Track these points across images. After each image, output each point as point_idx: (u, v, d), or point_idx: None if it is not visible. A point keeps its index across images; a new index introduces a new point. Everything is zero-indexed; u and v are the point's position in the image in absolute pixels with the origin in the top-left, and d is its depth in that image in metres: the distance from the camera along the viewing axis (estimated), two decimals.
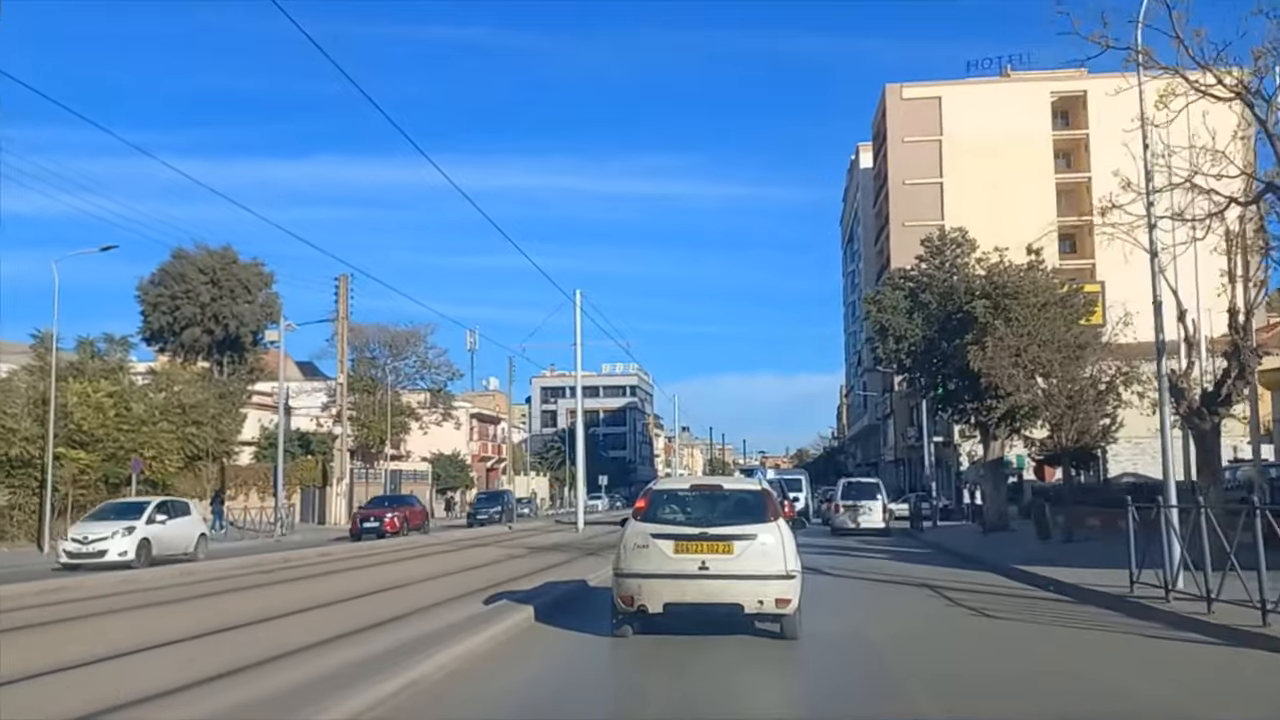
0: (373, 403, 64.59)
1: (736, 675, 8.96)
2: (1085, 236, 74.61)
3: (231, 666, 8.49)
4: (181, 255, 51.10)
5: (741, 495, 10.94)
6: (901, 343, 32.14)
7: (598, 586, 15.08)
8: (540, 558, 22.61)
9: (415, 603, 13.22)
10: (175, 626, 11.54)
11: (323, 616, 12.30)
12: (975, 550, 23.72)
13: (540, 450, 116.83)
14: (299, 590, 16.48)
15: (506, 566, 20.26)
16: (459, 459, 71.06)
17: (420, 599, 13.85)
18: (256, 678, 8.04)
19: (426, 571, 19.63)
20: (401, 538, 34.95)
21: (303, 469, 50.16)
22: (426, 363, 67.17)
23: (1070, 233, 74.67)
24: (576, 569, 18.45)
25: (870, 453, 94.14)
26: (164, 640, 10.48)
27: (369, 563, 22.95)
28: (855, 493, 37.79)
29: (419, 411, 67.81)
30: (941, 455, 59.51)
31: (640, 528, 10.27)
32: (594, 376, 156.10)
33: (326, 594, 15.26)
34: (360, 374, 64.58)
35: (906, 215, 75.34)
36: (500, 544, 29.07)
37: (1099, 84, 75.61)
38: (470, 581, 16.69)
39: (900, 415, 72.52)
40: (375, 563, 22.90)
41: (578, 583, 15.91)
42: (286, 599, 14.67)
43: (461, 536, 35.76)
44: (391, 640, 9.66)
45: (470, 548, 28.10)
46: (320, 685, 7.41)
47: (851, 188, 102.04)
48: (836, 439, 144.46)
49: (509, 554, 24.41)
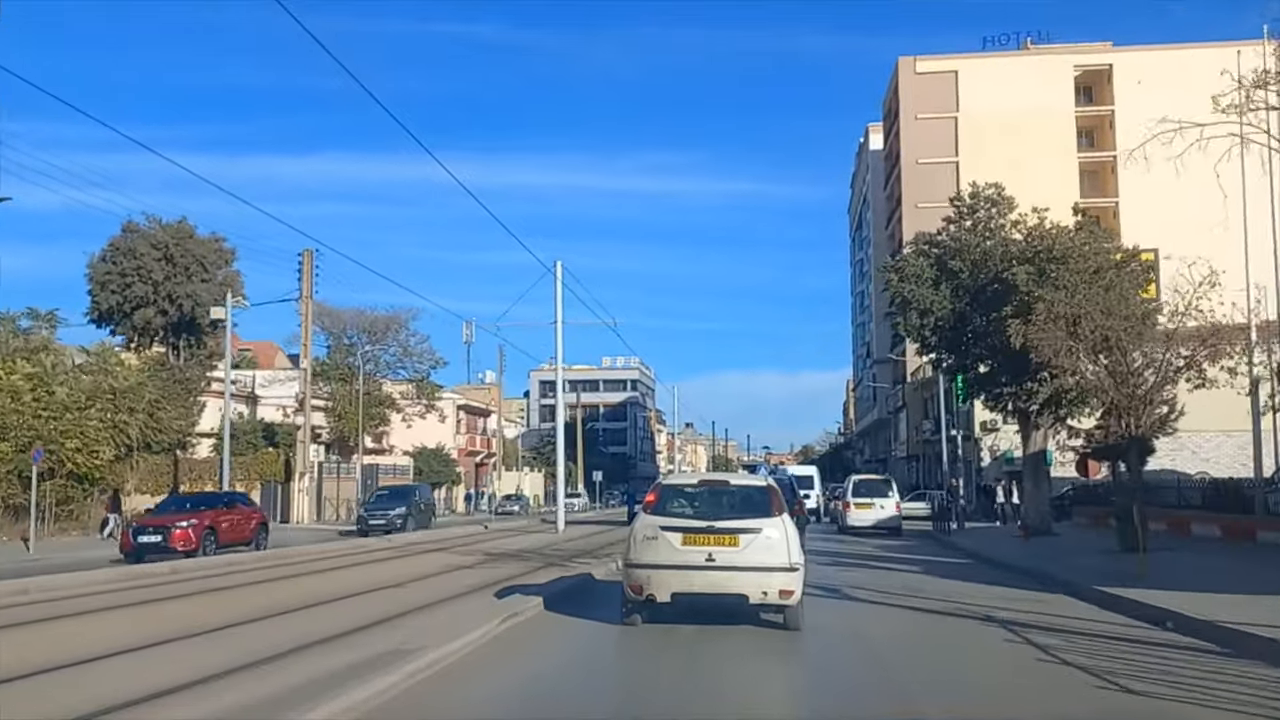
0: (349, 392, 60.34)
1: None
2: (1109, 220, 70.25)
3: None
4: (132, 229, 46.73)
5: (747, 491, 11.25)
6: (927, 317, 27.70)
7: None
8: (489, 570, 18.26)
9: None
10: None
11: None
12: (1028, 561, 19.34)
13: (536, 445, 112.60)
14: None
15: (444, 582, 15.93)
16: (443, 453, 66.70)
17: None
18: None
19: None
20: (208, 558, 22.29)
21: (263, 463, 45.89)
22: (408, 350, 62.90)
23: (1095, 217, 70.24)
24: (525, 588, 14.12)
25: (879, 448, 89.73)
26: None
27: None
28: (866, 490, 35.58)
29: (399, 402, 63.48)
30: (960, 450, 55.12)
31: (650, 520, 10.65)
32: (594, 370, 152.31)
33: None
34: (336, 361, 60.35)
35: (920, 196, 70.91)
36: (456, 549, 24.72)
37: (1125, 58, 71.62)
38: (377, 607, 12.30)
39: (913, 408, 68.14)
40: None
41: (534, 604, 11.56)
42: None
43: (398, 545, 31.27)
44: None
45: (398, 558, 23.74)
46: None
47: (860, 172, 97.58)
48: (843, 435, 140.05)
49: (458, 562, 20.08)
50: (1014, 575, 17.43)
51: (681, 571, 10.27)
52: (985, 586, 15.49)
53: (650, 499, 11.15)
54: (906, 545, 27.00)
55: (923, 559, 21.61)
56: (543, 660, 9.44)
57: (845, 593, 14.41)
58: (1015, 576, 17.17)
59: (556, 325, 33.93)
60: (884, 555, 22.65)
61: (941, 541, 28.08)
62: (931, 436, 59.65)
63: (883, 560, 21.20)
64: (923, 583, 16.12)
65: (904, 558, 21.95)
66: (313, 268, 44.87)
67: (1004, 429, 51.60)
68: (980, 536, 28.90)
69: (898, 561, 20.86)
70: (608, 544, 26.31)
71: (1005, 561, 19.81)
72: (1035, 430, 27.99)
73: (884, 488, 36.71)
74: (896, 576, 17.34)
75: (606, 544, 26.37)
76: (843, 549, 24.84)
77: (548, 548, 24.99)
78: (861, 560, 21.03)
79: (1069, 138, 69.21)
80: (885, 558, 21.85)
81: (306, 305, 44.61)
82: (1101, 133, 70.12)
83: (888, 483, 39.18)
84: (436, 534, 33.33)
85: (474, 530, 35.81)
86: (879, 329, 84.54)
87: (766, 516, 10.50)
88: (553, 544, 26.64)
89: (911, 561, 20.85)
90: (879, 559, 21.54)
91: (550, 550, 23.92)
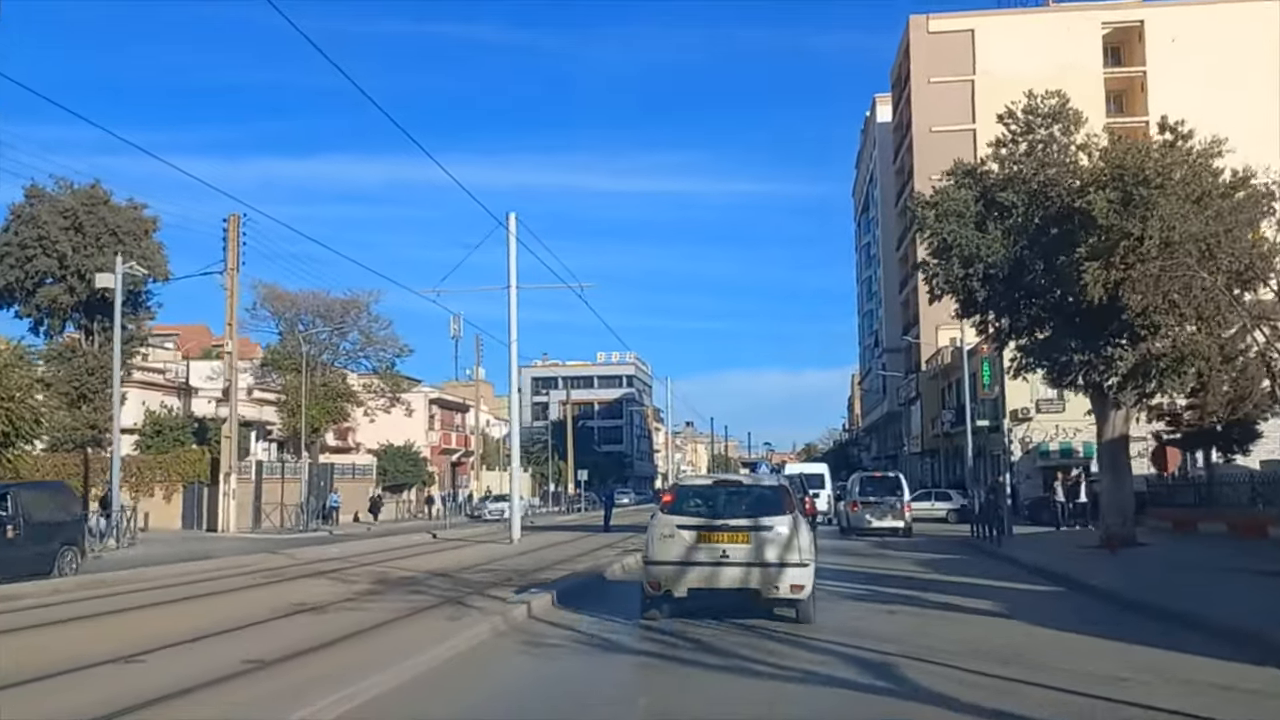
0: (304, 384, 54.15)
1: None
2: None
3: None
4: (37, 195, 40.71)
5: (760, 490, 11.60)
6: (972, 266, 21.43)
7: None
8: (342, 616, 11.97)
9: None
10: None
11: None
12: (1151, 593, 13.10)
13: (525, 443, 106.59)
14: None
15: (214, 650, 9.71)
16: (412, 451, 60.45)
17: None
18: None
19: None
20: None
21: (184, 462, 39.73)
22: (370, 337, 56.51)
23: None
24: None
25: (889, 444, 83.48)
26: None
27: None
28: (873, 489, 32.77)
29: (360, 395, 57.25)
30: (985, 443, 48.87)
31: (667, 519, 11.04)
32: (588, 366, 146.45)
33: None
34: (289, 349, 54.14)
35: (933, 167, 64.35)
36: (352, 570, 18.45)
37: (1158, 14, 65.39)
38: None
39: (929, 398, 61.90)
40: None
41: None
42: None
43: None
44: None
45: (251, 588, 17.44)
46: None
47: (866, 148, 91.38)
48: (848, 431, 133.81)
49: (318, 597, 13.81)
50: (1147, 619, 11.20)
51: (698, 568, 10.64)
52: (1128, 647, 9.31)
53: (667, 499, 11.72)
54: (949, 560, 20.84)
55: (986, 585, 15.38)
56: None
57: (904, 668, 8.22)
58: (1152, 622, 10.95)
59: (510, 290, 27.77)
60: (929, 579, 16.47)
61: (992, 554, 21.85)
62: (952, 428, 53.40)
63: (931, 586, 15.03)
64: (1028, 641, 9.87)
65: (960, 583, 15.74)
66: (239, 235, 38.64)
67: (1038, 419, 45.30)
68: (1038, 547, 22.68)
69: (954, 589, 14.66)
70: (564, 559, 20.21)
71: (1114, 591, 13.58)
72: (1114, 410, 21.72)
73: (892, 485, 33.06)
74: (976, 626, 11.11)
75: (562, 559, 20.26)
76: (869, 564, 18.81)
77: (480, 567, 18.87)
78: (904, 586, 14.88)
79: (1097, 102, 62.48)
80: (934, 583, 15.67)
81: (232, 279, 38.38)
82: (1132, 96, 64.15)
83: (896, 480, 34.23)
84: (357, 547, 27.12)
85: (414, 541, 29.62)
86: (889, 315, 78.38)
87: (778, 514, 10.81)
88: (493, 560, 20.51)
89: (974, 591, 14.58)
90: (925, 584, 15.38)
91: (483, 570, 17.87)
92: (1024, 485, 44.09)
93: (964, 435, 52.68)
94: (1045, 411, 44.61)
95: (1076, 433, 44.41)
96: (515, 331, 27.79)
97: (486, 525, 43.64)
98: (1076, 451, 43.93)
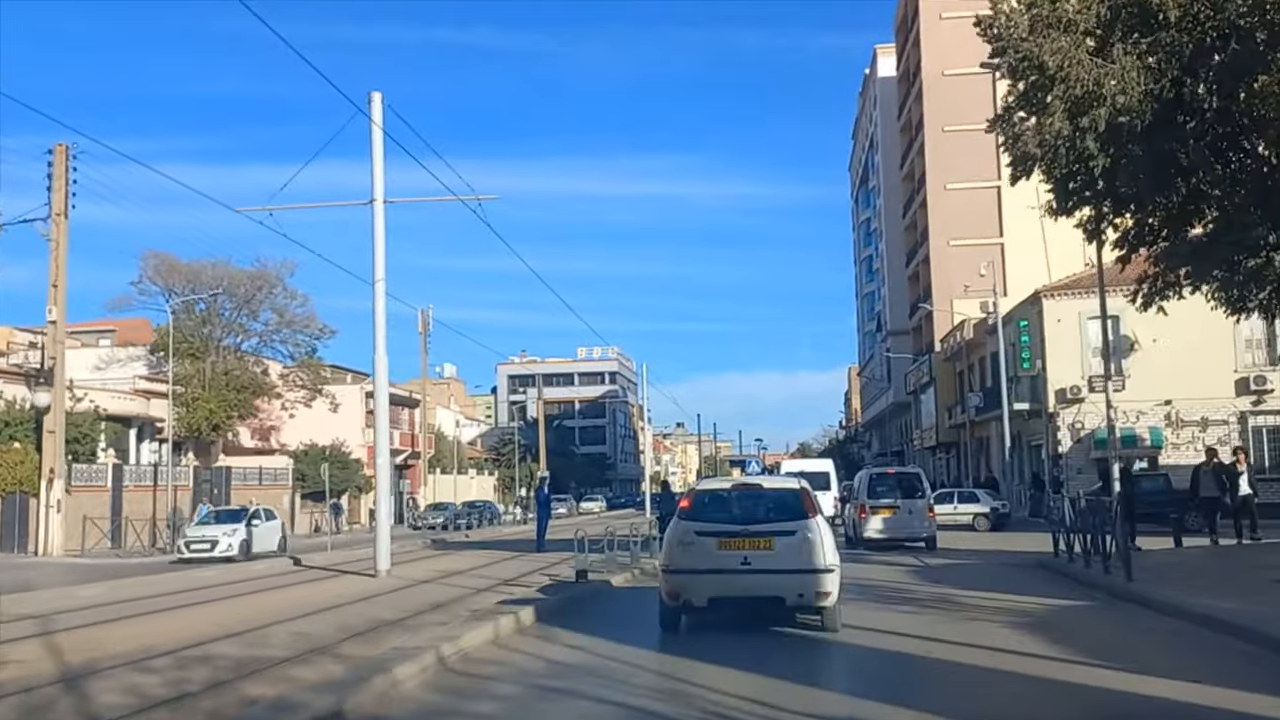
0: (204, 371, 45.31)
1: None
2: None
3: None
4: None
5: (781, 493, 11.24)
6: (1088, 113, 12.64)
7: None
8: None
9: None
10: None
11: None
12: None
13: (496, 444, 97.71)
14: None
15: None
16: (342, 452, 51.40)
17: None
18: None
19: None
20: None
21: (3, 465, 30.72)
22: (285, 317, 47.64)
23: None
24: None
25: (893, 439, 74.78)
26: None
27: None
28: (886, 489, 24.91)
29: (275, 385, 48.35)
30: (1021, 431, 40.08)
31: (685, 525, 10.58)
32: (568, 363, 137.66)
33: None
34: (186, 330, 45.25)
35: (947, 117, 56.20)
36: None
37: None
38: None
39: (944, 383, 53.17)
40: None
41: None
42: None
43: None
44: None
45: None
46: None
47: (865, 110, 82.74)
48: (845, 427, 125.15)
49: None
50: None
51: (718, 576, 10.28)
52: None
53: (684, 505, 11.18)
54: (1062, 613, 12.01)
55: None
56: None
57: None
58: None
59: (374, 204, 18.91)
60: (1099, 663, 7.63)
61: (1137, 600, 12.89)
62: (978, 415, 44.62)
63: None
64: None
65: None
66: (68, 171, 29.69)
67: (1091, 399, 36.52)
68: (1221, 579, 13.77)
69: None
70: (406, 617, 11.46)
71: None
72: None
73: (911, 484, 24.99)
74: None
75: (403, 616, 11.49)
76: (922, 627, 10.18)
77: (253, 635, 10.07)
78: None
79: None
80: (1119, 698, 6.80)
81: (58, 228, 29.39)
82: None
83: (916, 477, 26.09)
84: (147, 586, 18.27)
85: (257, 572, 20.77)
86: (894, 294, 69.69)
87: (800, 519, 10.50)
88: (305, 614, 11.69)
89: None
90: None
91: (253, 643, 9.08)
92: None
93: (992, 424, 44.01)
94: (1100, 390, 35.81)
95: (1140, 416, 35.71)
96: (382, 260, 18.88)
97: (400, 543, 34.62)
98: (1143, 439, 35.20)
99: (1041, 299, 36.59)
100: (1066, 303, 36.41)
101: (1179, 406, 35.26)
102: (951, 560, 20.76)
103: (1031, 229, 42.24)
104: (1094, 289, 37.74)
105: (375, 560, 18.58)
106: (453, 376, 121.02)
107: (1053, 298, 36.64)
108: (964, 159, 55.13)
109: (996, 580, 16.27)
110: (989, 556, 21.48)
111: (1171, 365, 34.16)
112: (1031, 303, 37.18)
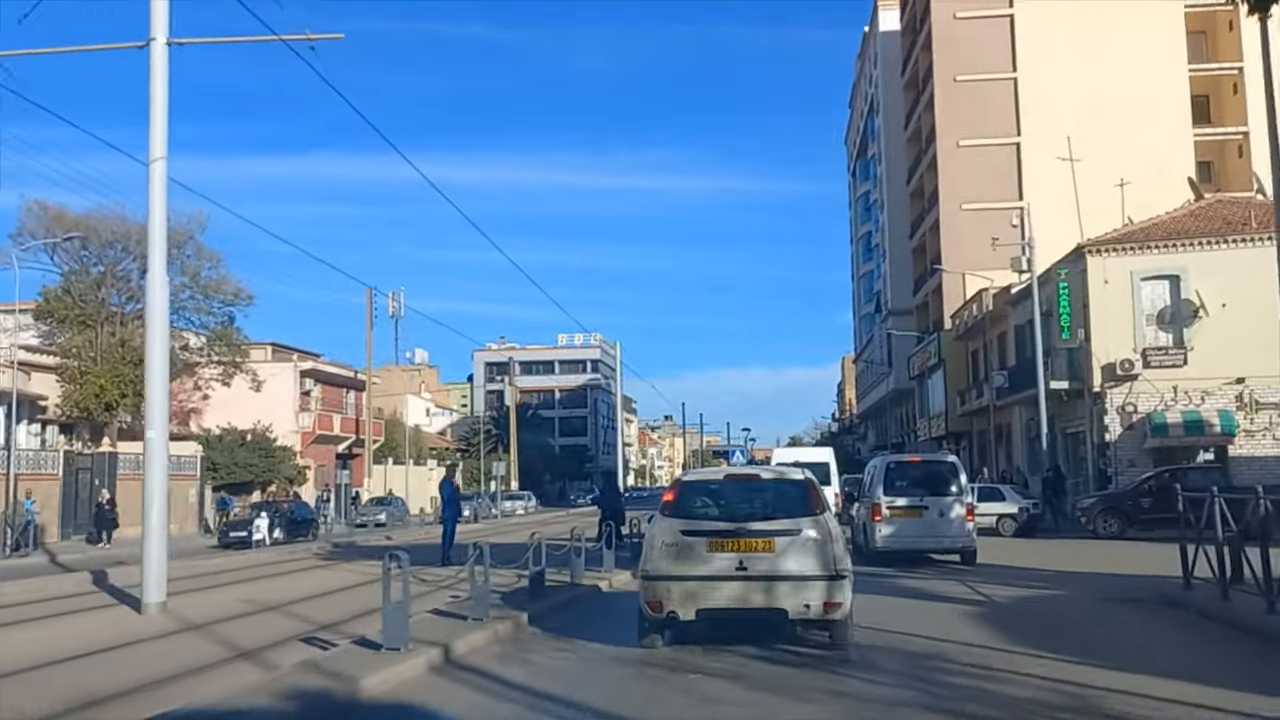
0: (99, 342, 38.72)
1: None
2: (1227, 97, 49.18)
3: None
4: None
5: (782, 485, 9.63)
6: None
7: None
8: None
9: None
10: None
11: None
12: None
13: (466, 434, 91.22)
14: None
15: None
16: (266, 437, 44.71)
17: None
18: None
19: None
20: None
21: None
22: (198, 280, 40.85)
23: (1204, 93, 49.19)
24: None
25: (892, 430, 68.36)
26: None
27: None
28: (909, 482, 18.91)
29: (194, 360, 41.70)
30: (1055, 416, 33.57)
31: (669, 524, 9.17)
32: (548, 350, 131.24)
33: None
34: (78, 293, 38.68)
35: (960, 67, 49.74)
36: None
37: None
38: None
39: (954, 366, 46.79)
40: None
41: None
42: None
43: None
44: None
45: None
46: None
47: (863, 74, 76.27)
48: (839, 419, 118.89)
49: None
50: None
51: (708, 583, 8.85)
52: None
53: (668, 498, 9.58)
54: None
55: None
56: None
57: None
58: None
59: (153, 45, 12.41)
60: None
61: None
62: (1000, 399, 38.22)
63: None
64: None
65: None
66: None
67: (1146, 376, 30.06)
68: None
69: None
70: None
71: None
72: None
73: (943, 478, 18.91)
74: None
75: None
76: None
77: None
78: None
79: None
80: None
81: None
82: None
83: (951, 468, 19.49)
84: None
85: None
86: (896, 270, 63.28)
87: (805, 515, 9.05)
88: None
89: None
90: None
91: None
92: (1123, 476, 29.09)
93: (1016, 409, 37.58)
94: (1157, 365, 29.45)
95: (1206, 397, 29.36)
96: (162, 128, 12.42)
97: (279, 550, 28.13)
98: (1211, 425, 28.80)
99: (1086, 255, 30.17)
100: (1116, 260, 30.03)
101: (1254, 385, 28.92)
102: (1018, 588, 14.32)
103: (1060, 187, 35.91)
104: (1149, 244, 31.57)
105: (143, 588, 12.05)
106: (424, 363, 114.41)
107: (1099, 253, 30.22)
108: (978, 112, 48.85)
109: (1127, 639, 9.89)
110: (1063, 581, 15.12)
111: (1245, 335, 27.90)
112: (1074, 259, 30.74)
